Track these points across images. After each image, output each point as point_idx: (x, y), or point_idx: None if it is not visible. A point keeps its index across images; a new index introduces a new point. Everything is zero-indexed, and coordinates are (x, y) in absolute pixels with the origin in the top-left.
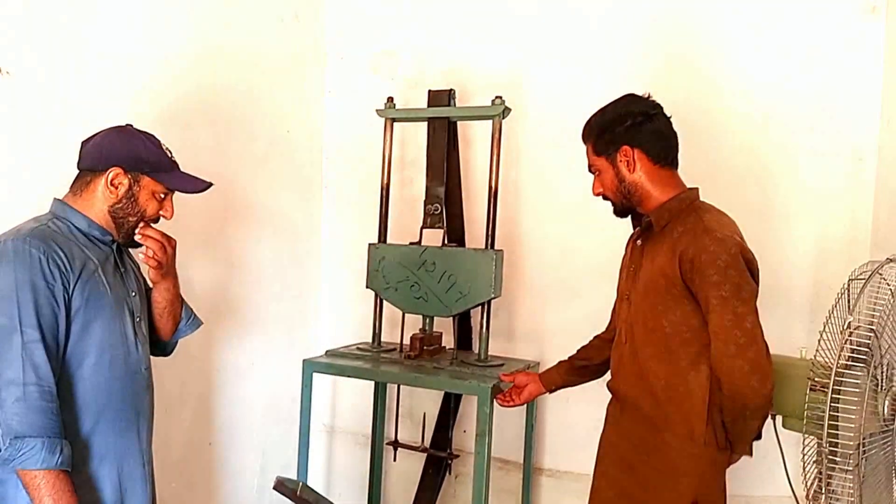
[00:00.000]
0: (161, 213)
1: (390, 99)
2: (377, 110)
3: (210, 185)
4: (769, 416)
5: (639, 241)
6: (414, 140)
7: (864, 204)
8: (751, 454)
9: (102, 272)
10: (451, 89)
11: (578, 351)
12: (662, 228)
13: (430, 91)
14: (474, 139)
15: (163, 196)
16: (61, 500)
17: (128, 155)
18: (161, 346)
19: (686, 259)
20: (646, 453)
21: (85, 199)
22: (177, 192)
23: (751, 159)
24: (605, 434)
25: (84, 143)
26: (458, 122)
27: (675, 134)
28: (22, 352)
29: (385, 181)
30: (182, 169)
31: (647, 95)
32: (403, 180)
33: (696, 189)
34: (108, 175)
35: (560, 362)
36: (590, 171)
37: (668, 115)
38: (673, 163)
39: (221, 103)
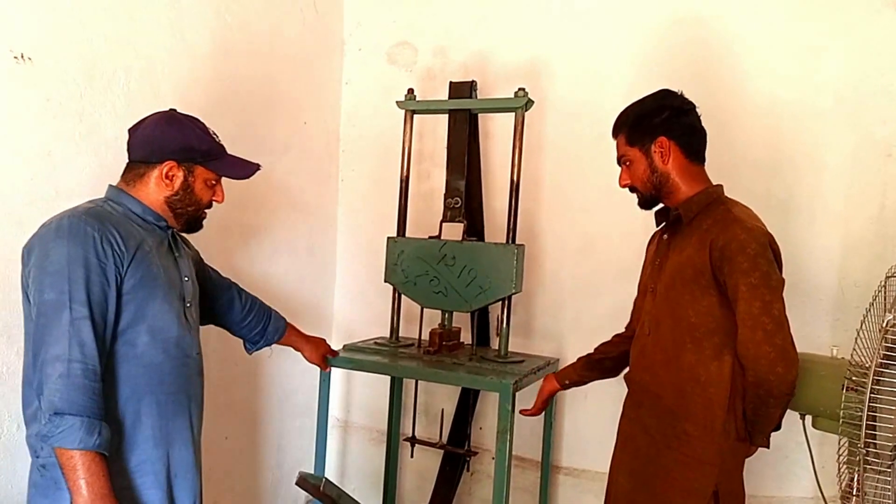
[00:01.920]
0: (213, 199)
1: (410, 90)
2: (397, 102)
3: (258, 167)
4: (799, 417)
5: (665, 236)
6: (431, 132)
7: (893, 201)
8: (768, 446)
9: (157, 254)
10: (472, 81)
11: (597, 347)
12: (690, 221)
13: (451, 83)
14: (493, 131)
15: (214, 182)
16: (96, 482)
17: (181, 146)
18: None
19: (716, 247)
20: (666, 444)
21: (139, 189)
22: None
23: (776, 154)
24: (621, 427)
25: (132, 131)
26: (479, 115)
27: (705, 131)
28: (69, 328)
29: (404, 174)
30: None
31: (679, 92)
32: (420, 173)
33: (721, 185)
34: (163, 169)
35: (578, 358)
36: (619, 162)
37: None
38: (702, 159)
39: (239, 93)
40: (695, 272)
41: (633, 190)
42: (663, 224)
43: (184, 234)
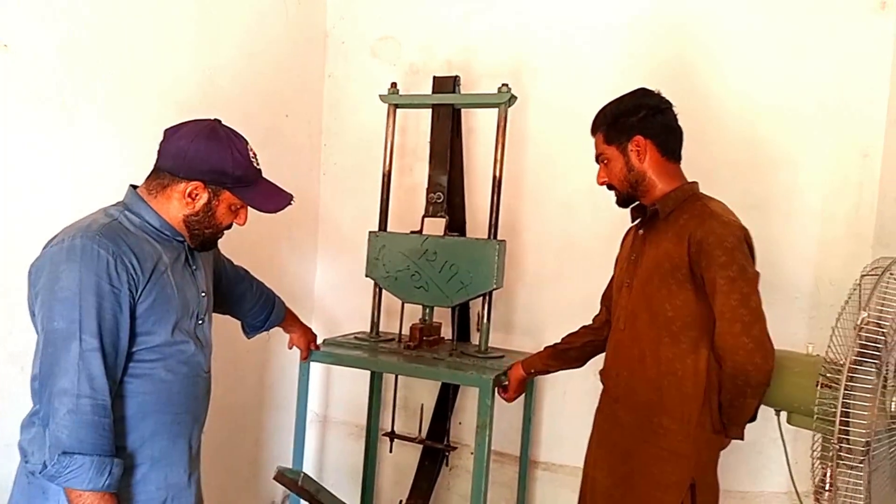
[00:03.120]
0: (235, 221)
1: (394, 84)
2: (380, 96)
3: (290, 200)
4: (774, 413)
5: (640, 231)
6: (414, 127)
7: (869, 201)
8: (742, 437)
9: (172, 272)
10: (456, 76)
11: (564, 337)
12: (667, 217)
13: (434, 77)
14: (476, 127)
15: (238, 207)
16: None
17: (212, 168)
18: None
19: (694, 241)
20: (642, 439)
21: (159, 202)
22: None
23: (755, 154)
24: (597, 423)
25: (168, 133)
26: (462, 110)
27: (681, 130)
28: (79, 360)
29: (387, 168)
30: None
31: (657, 91)
32: (403, 168)
33: (697, 182)
34: (188, 188)
35: (545, 347)
36: (597, 160)
37: (676, 111)
38: (678, 157)
39: (221, 85)
40: (672, 266)
41: (610, 187)
42: (638, 220)
43: None
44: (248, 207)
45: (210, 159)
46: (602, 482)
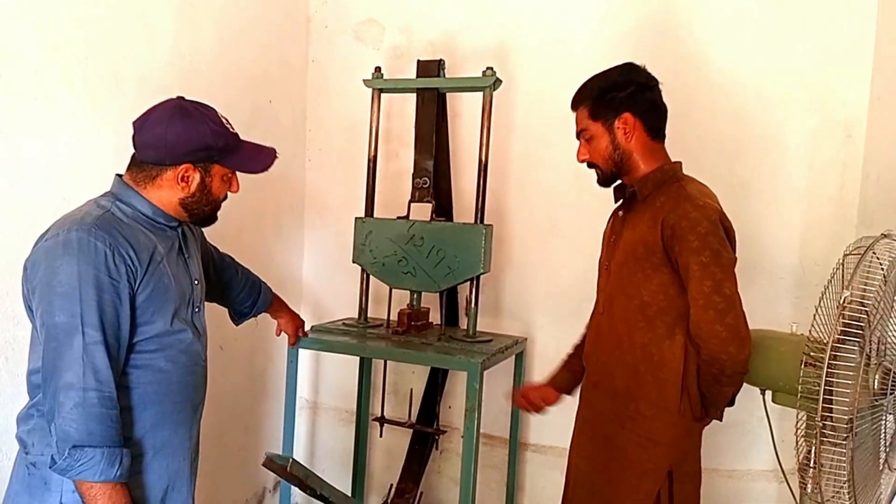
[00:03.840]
0: (230, 191)
1: (378, 69)
2: (364, 80)
3: (275, 154)
4: (759, 392)
5: (620, 213)
6: (399, 112)
7: (852, 181)
8: (721, 419)
9: (167, 261)
10: (440, 59)
11: (574, 348)
12: (645, 199)
13: (419, 61)
14: (462, 111)
15: (230, 175)
16: None
17: (197, 147)
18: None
19: (667, 225)
20: (620, 425)
21: (149, 191)
22: None
23: (739, 134)
24: (579, 410)
25: (137, 125)
26: (447, 94)
27: (666, 108)
28: (83, 354)
29: (372, 153)
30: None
31: (643, 66)
32: (388, 153)
33: (680, 162)
34: (179, 173)
35: (563, 362)
36: (578, 136)
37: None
38: (662, 136)
39: (201, 71)
40: (647, 250)
41: (591, 166)
42: (620, 201)
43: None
44: (239, 173)
45: (191, 139)
46: (584, 469)
